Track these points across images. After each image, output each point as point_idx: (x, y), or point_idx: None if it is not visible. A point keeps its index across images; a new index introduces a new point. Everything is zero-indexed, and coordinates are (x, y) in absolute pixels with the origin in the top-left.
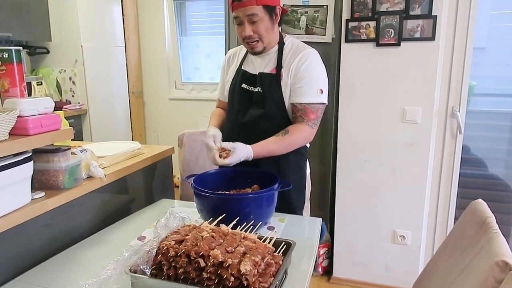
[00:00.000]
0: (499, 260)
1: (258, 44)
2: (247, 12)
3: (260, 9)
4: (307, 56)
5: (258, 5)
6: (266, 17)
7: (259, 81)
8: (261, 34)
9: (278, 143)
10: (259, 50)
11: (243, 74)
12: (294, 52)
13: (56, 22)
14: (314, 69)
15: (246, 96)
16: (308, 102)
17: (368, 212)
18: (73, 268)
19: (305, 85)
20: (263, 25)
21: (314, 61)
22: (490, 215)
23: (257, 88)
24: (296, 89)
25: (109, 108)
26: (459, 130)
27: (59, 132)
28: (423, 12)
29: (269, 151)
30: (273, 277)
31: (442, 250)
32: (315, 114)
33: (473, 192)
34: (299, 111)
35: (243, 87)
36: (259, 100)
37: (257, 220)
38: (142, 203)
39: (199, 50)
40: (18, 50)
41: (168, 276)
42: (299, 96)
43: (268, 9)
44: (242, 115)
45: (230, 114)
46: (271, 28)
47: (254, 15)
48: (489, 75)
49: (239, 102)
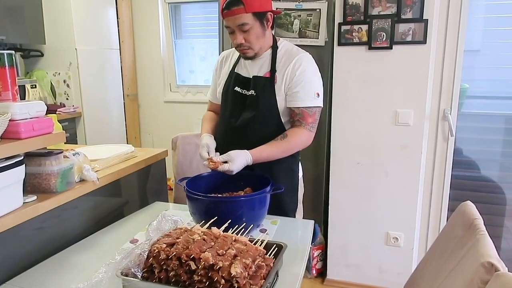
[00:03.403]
0: (485, 262)
1: (249, 50)
2: (237, 21)
3: (250, 17)
4: (301, 60)
5: (248, 13)
6: (256, 24)
7: (252, 84)
8: (252, 42)
9: (277, 147)
10: (250, 55)
11: (236, 77)
12: (289, 57)
13: (50, 25)
14: (309, 73)
15: (239, 99)
16: (306, 106)
17: (361, 214)
18: (64, 271)
19: (302, 89)
20: (254, 32)
21: (309, 65)
22: (478, 217)
23: (251, 91)
24: (293, 94)
25: (104, 111)
26: (450, 132)
27: (51, 136)
28: (414, 16)
29: (268, 155)
30: (264, 279)
31: (432, 252)
32: (313, 117)
33: (465, 194)
34: (297, 116)
35: (236, 90)
36: (252, 103)
37: (249, 223)
38: (136, 206)
39: (194, 53)
40: (10, 54)
41: (159, 279)
42: (297, 100)
43: (258, 16)
44: (236, 118)
45: (223, 117)
46: (262, 35)
47: (245, 25)
48: (482, 77)
49: (232, 105)
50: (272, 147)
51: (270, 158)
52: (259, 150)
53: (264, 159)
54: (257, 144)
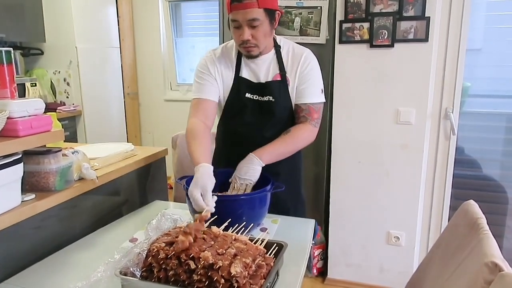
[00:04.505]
0: (489, 261)
1: (255, 48)
2: (247, 16)
3: (261, 13)
4: (309, 58)
5: (260, 8)
6: (266, 21)
7: (267, 90)
8: (259, 40)
9: (287, 145)
10: (255, 54)
11: (246, 82)
12: (294, 56)
13: (51, 23)
14: (315, 70)
15: (254, 106)
16: (312, 102)
17: (362, 213)
18: (63, 270)
19: (310, 86)
20: (262, 29)
21: (315, 62)
22: (481, 216)
23: (267, 97)
24: (300, 90)
25: (104, 110)
26: (452, 131)
27: (49, 134)
28: (416, 14)
29: (278, 155)
30: (264, 278)
31: (434, 251)
32: (318, 113)
33: (467, 193)
34: (303, 111)
35: (248, 97)
36: (270, 109)
37: (249, 222)
38: (135, 205)
39: (195, 51)
40: (8, 51)
41: (158, 278)
42: (304, 96)
43: (269, 12)
44: (252, 125)
45: (231, 124)
46: (269, 33)
47: (256, 20)
48: (484, 76)
49: (247, 113)
50: (281, 145)
51: (280, 157)
52: (269, 153)
53: (275, 160)
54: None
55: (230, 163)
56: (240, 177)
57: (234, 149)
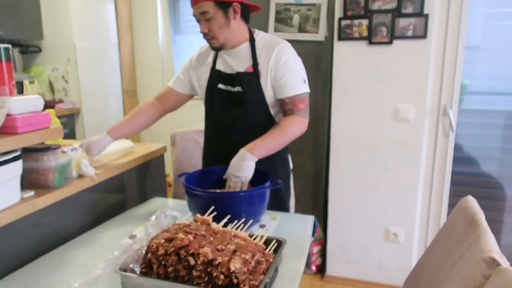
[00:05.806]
0: (487, 256)
1: (214, 40)
2: (199, 9)
3: (211, 6)
4: (282, 51)
5: (209, 1)
6: (219, 13)
7: (237, 80)
8: (215, 32)
9: (276, 137)
10: (216, 46)
11: (219, 73)
12: (269, 48)
13: (49, 20)
14: (292, 61)
15: (225, 97)
16: (295, 94)
17: (361, 210)
18: (62, 267)
19: (290, 79)
20: (216, 22)
21: (290, 54)
22: (479, 212)
23: (237, 88)
24: (281, 85)
25: (103, 107)
26: (451, 128)
27: (48, 131)
28: (415, 11)
29: (269, 148)
30: (263, 275)
31: (433, 247)
32: (304, 103)
33: (465, 190)
34: (288, 105)
35: (220, 88)
36: (239, 99)
37: (248, 218)
38: (134, 202)
39: (193, 48)
40: (6, 48)
41: (158, 274)
42: (286, 90)
43: (221, 5)
44: (224, 117)
45: (210, 116)
46: (225, 25)
47: (206, 13)
48: (483, 73)
49: (219, 103)
50: (272, 138)
51: (272, 150)
52: (259, 147)
53: (267, 153)
54: (248, 140)
55: (218, 156)
56: (234, 174)
57: (215, 140)
